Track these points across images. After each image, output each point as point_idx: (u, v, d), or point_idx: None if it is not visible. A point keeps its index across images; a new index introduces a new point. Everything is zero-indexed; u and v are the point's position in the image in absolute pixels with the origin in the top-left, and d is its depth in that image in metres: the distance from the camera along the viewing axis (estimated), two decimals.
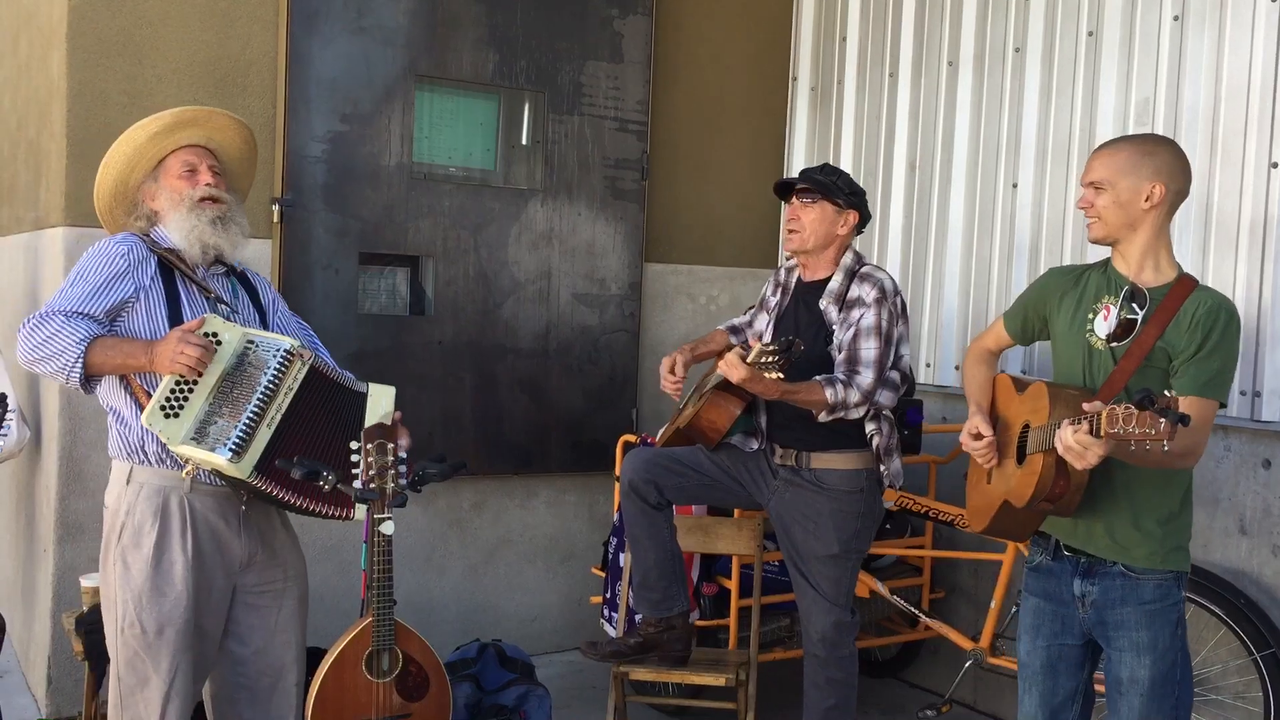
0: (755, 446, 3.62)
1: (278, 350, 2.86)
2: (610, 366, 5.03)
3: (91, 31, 4.03)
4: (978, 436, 2.76)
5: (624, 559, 4.05)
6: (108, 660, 3.67)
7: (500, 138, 4.86)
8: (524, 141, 4.88)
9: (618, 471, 3.85)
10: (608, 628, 4.27)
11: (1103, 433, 2.27)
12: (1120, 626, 2.63)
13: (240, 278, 3.09)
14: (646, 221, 5.10)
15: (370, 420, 2.99)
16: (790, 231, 3.52)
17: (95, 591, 3.78)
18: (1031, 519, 2.71)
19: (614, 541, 4.29)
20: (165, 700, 2.86)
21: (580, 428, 4.97)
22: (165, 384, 2.72)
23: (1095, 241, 2.71)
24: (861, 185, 3.61)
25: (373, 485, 2.82)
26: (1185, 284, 2.62)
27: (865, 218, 3.55)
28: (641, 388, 5.12)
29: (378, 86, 4.48)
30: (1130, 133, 4.00)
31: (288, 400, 2.83)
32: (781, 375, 3.14)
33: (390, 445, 2.84)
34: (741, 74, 5.38)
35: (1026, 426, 2.67)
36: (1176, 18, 3.92)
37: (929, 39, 4.84)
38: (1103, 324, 2.66)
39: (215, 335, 2.79)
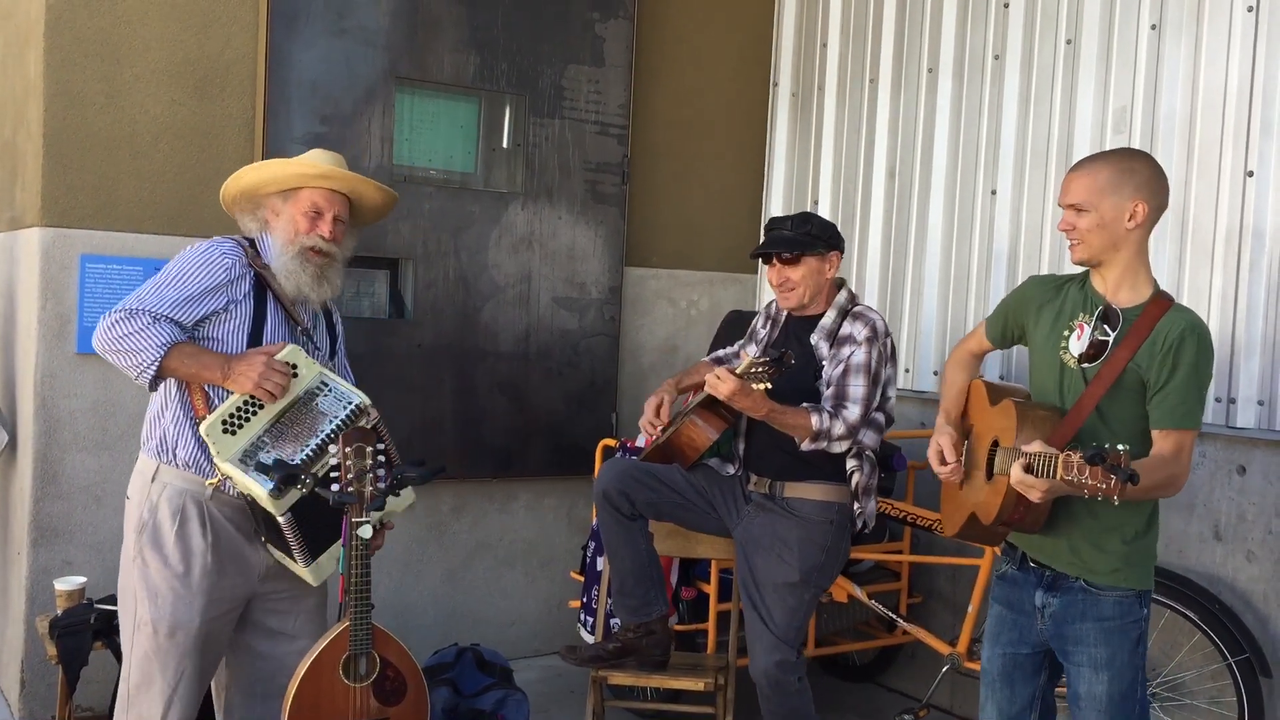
0: (732, 471, 3.63)
1: (348, 403, 2.89)
2: (590, 370, 5.03)
3: (69, 31, 4.00)
4: (943, 460, 2.77)
5: (602, 563, 4.05)
6: (82, 664, 3.67)
7: (481, 141, 4.85)
8: (505, 144, 4.87)
9: (597, 475, 3.84)
10: (584, 634, 4.26)
11: (1058, 476, 2.29)
12: (1079, 642, 2.64)
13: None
14: (627, 225, 5.10)
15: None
16: (785, 291, 3.48)
17: (69, 595, 3.75)
18: (999, 531, 2.73)
19: (592, 546, 4.28)
20: (167, 705, 2.90)
21: (560, 431, 4.96)
22: (233, 400, 2.79)
23: (1079, 264, 2.67)
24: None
25: (351, 489, 2.81)
26: (1159, 304, 2.59)
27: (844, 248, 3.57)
28: (621, 392, 5.12)
29: (358, 88, 4.47)
30: (1108, 143, 4.04)
31: None
32: (769, 386, 3.16)
33: (369, 449, 2.83)
34: (723, 79, 5.39)
35: (996, 443, 2.67)
36: (1154, 27, 3.95)
37: (909, 46, 4.86)
38: (1076, 343, 2.65)
39: (294, 367, 2.84)
